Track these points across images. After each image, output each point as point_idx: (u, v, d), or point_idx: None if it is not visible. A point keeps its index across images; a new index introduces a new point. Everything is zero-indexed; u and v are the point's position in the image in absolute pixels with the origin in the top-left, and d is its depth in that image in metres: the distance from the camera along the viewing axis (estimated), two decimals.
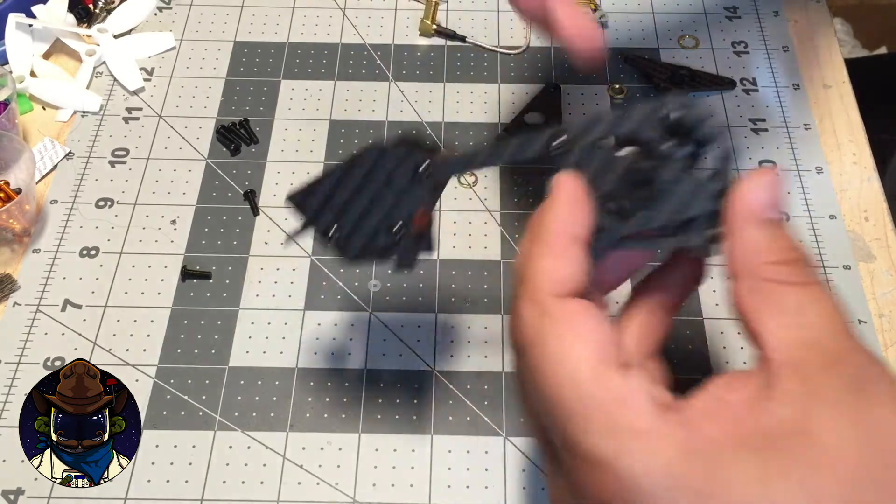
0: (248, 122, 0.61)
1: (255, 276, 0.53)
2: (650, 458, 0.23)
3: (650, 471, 0.23)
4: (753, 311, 0.26)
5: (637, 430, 0.24)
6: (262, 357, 0.50)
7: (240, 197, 0.57)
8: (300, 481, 0.46)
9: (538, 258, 0.28)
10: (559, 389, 0.25)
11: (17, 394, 0.48)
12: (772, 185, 0.27)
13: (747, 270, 0.26)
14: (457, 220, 0.56)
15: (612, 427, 0.24)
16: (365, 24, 0.67)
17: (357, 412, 0.48)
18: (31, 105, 0.62)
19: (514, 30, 0.67)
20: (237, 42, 0.66)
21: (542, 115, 0.61)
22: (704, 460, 0.23)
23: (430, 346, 0.51)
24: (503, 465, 0.46)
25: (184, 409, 0.48)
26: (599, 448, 0.24)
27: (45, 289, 0.52)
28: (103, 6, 0.68)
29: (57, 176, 0.58)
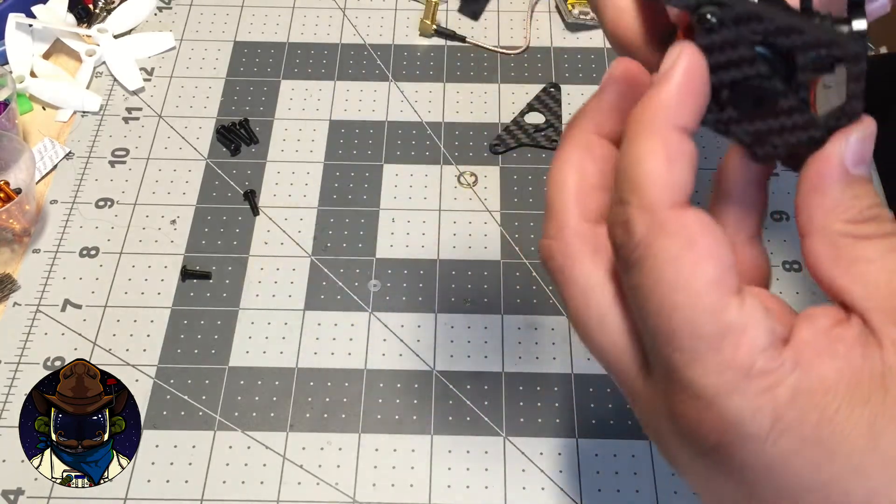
0: (248, 122, 0.61)
1: (255, 276, 0.53)
2: (760, 399, 0.22)
3: (758, 413, 0.22)
4: (834, 266, 0.24)
5: (750, 368, 0.22)
6: (262, 357, 0.50)
7: (240, 197, 0.57)
8: (300, 481, 0.46)
9: (650, 157, 0.23)
10: (670, 315, 0.23)
11: (17, 394, 0.48)
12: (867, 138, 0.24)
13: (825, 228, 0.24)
14: (457, 220, 0.56)
15: (725, 364, 0.22)
16: (365, 24, 0.67)
17: (357, 412, 0.48)
18: (31, 105, 0.62)
19: (514, 30, 0.67)
20: (237, 42, 0.66)
21: (543, 115, 0.61)
22: (815, 405, 0.22)
23: (430, 346, 0.51)
24: (503, 465, 0.46)
25: (184, 409, 0.48)
26: (707, 383, 0.22)
27: (45, 289, 0.52)
28: (103, 6, 0.68)
29: (57, 176, 0.58)
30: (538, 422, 0.48)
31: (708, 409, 0.22)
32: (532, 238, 0.55)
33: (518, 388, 0.49)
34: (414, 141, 0.60)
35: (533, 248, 0.55)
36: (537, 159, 0.59)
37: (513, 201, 0.57)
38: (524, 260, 0.54)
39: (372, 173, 0.58)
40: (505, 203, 0.57)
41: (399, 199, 0.57)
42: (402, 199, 0.57)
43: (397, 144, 0.60)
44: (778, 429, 0.22)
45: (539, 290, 0.53)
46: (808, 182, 0.25)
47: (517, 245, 0.55)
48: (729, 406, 0.22)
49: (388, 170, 0.58)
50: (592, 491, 0.46)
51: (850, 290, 0.24)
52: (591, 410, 0.48)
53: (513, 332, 0.51)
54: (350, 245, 0.55)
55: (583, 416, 0.48)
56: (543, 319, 0.52)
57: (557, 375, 0.49)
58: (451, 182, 0.58)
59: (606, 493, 0.46)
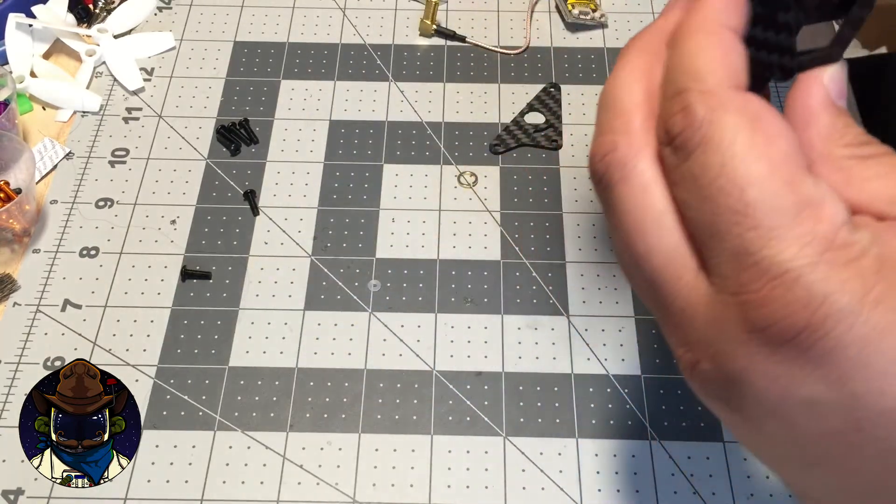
0: (248, 122, 0.61)
1: (255, 276, 0.53)
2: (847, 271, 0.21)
3: (847, 285, 0.21)
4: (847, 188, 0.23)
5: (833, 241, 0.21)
6: (262, 357, 0.50)
7: (240, 197, 0.57)
8: (300, 481, 0.46)
9: (708, 48, 0.23)
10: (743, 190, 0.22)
11: (17, 394, 0.48)
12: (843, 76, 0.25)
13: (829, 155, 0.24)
14: (457, 220, 0.56)
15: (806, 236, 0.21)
16: (365, 24, 0.67)
17: (357, 412, 0.48)
18: (31, 105, 0.62)
19: (514, 30, 0.67)
20: (237, 42, 0.66)
21: (543, 115, 0.61)
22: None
23: (430, 346, 0.51)
24: (503, 465, 0.46)
25: (184, 409, 0.48)
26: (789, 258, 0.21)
27: (45, 289, 0.52)
28: (103, 6, 0.68)
29: (57, 176, 0.58)
30: (538, 422, 0.48)
31: (792, 287, 0.21)
32: (532, 238, 0.55)
33: (518, 388, 0.49)
34: (414, 141, 0.60)
35: (533, 248, 0.55)
36: (537, 159, 0.59)
37: (513, 201, 0.57)
38: (524, 260, 0.54)
39: (372, 173, 0.58)
40: (505, 203, 0.57)
41: (399, 199, 0.57)
42: (402, 199, 0.57)
43: (397, 144, 0.60)
44: (870, 301, 0.20)
45: (539, 290, 0.53)
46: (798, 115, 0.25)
47: (517, 245, 0.55)
48: (815, 280, 0.21)
49: (388, 170, 0.58)
50: (592, 491, 0.46)
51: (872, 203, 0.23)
52: (592, 410, 0.48)
53: (513, 332, 0.51)
54: (350, 245, 0.55)
55: (583, 416, 0.48)
56: (543, 319, 0.52)
57: (557, 375, 0.49)
58: (451, 182, 0.58)
59: (606, 493, 0.46)
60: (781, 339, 0.21)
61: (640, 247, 0.24)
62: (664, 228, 0.24)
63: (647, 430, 0.48)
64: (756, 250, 0.21)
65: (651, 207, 0.24)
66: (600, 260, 0.54)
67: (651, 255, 0.24)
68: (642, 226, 0.24)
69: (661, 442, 0.47)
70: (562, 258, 0.54)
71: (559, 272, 0.54)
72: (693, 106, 0.23)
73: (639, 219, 0.24)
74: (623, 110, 0.25)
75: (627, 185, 0.24)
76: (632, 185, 0.24)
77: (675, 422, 0.48)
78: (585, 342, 0.51)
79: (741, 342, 0.22)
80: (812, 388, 0.21)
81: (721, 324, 0.22)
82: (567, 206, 0.57)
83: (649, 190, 0.24)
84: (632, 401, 0.49)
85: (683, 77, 0.23)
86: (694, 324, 0.23)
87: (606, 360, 0.50)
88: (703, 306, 0.23)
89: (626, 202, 0.24)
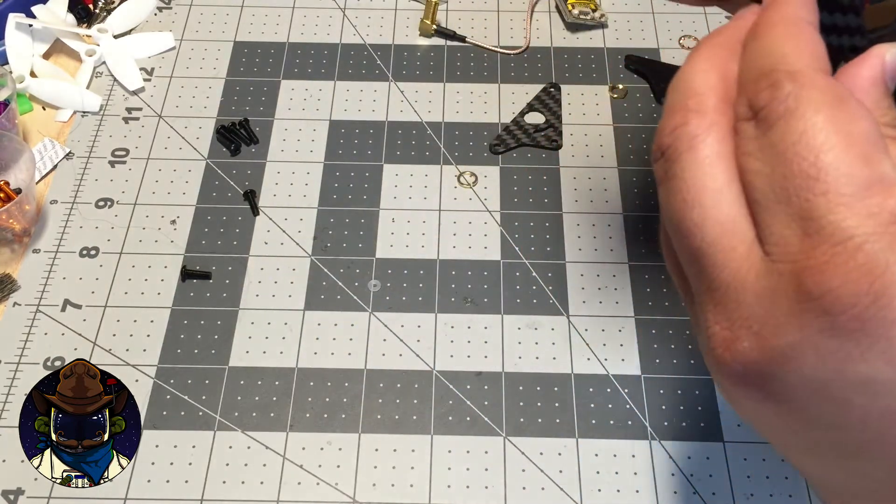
0: (248, 122, 0.61)
1: (255, 276, 0.53)
2: None
3: None
4: None
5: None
6: (262, 357, 0.50)
7: (240, 197, 0.57)
8: (300, 481, 0.46)
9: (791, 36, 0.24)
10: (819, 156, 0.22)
11: (17, 394, 0.48)
12: None
13: None
14: (457, 220, 0.56)
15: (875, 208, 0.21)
16: (365, 24, 0.67)
17: (357, 412, 0.48)
18: (31, 105, 0.62)
19: (514, 30, 0.67)
20: (237, 42, 0.66)
21: (543, 115, 0.61)
22: None
23: (430, 346, 0.51)
24: (503, 465, 0.46)
25: (184, 409, 0.48)
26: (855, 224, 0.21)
27: (45, 289, 0.52)
28: (103, 6, 0.68)
29: (57, 176, 0.58)
30: (538, 422, 0.48)
31: (854, 255, 0.20)
32: (532, 238, 0.55)
33: (518, 388, 0.49)
34: (414, 141, 0.60)
35: (533, 248, 0.55)
36: (537, 159, 0.59)
37: (513, 201, 0.57)
38: (524, 260, 0.54)
39: (372, 173, 0.58)
40: (505, 203, 0.57)
41: (399, 199, 0.57)
42: (402, 199, 0.57)
43: (397, 144, 0.60)
44: None
45: (539, 290, 0.53)
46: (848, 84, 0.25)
47: (517, 245, 0.55)
48: (879, 249, 0.20)
49: (388, 170, 0.58)
50: (592, 491, 0.46)
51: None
52: (592, 410, 0.48)
53: (513, 332, 0.51)
54: (350, 245, 0.55)
55: (583, 416, 0.48)
56: (543, 319, 0.52)
57: (557, 375, 0.49)
58: (451, 182, 0.58)
59: (606, 493, 0.46)
60: (839, 309, 0.21)
61: (694, 216, 0.24)
62: (724, 199, 0.24)
63: (647, 430, 0.48)
64: (822, 215, 0.21)
65: (714, 178, 0.24)
66: (600, 260, 0.54)
67: (705, 225, 0.24)
68: (701, 196, 0.24)
69: (661, 442, 0.47)
70: (562, 258, 0.54)
71: (559, 272, 0.54)
72: (781, 82, 0.23)
73: (699, 189, 0.24)
74: (697, 92, 0.25)
75: (693, 156, 0.24)
76: (698, 157, 0.24)
77: (675, 422, 0.48)
78: (585, 342, 0.51)
79: (793, 314, 0.21)
80: (869, 364, 0.21)
81: (773, 295, 0.22)
82: (567, 206, 0.57)
83: (715, 163, 0.24)
84: (632, 401, 0.49)
85: (770, 60, 0.24)
86: (741, 297, 0.23)
87: (606, 360, 0.50)
88: (755, 278, 0.23)
89: (689, 172, 0.24)
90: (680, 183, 0.24)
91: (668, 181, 0.25)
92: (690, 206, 0.24)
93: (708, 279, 0.24)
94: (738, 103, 0.25)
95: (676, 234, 0.25)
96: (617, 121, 0.61)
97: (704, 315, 0.24)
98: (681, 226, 0.24)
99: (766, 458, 0.47)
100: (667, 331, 0.51)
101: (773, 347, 0.22)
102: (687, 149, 0.24)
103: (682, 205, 0.24)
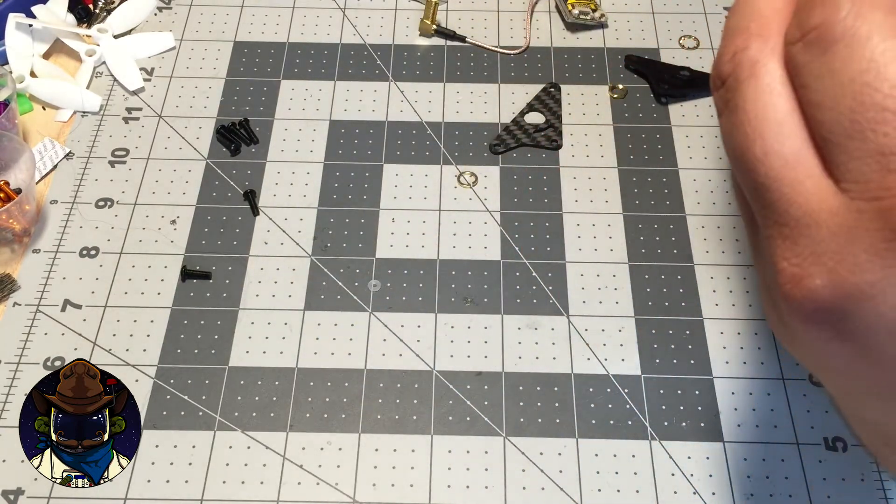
0: (248, 122, 0.61)
1: (255, 276, 0.53)
2: None
3: None
4: None
5: None
6: (262, 357, 0.50)
7: (240, 197, 0.57)
8: (300, 481, 0.46)
9: None
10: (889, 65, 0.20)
11: (17, 394, 0.48)
12: None
13: None
14: (457, 220, 0.56)
15: None
16: (365, 24, 0.67)
17: (357, 412, 0.48)
18: (31, 105, 0.62)
19: (514, 30, 0.67)
20: (237, 42, 0.66)
21: (543, 115, 0.61)
22: None
23: (430, 346, 0.51)
24: (503, 465, 0.46)
25: (184, 409, 0.48)
26: None
27: (45, 289, 0.52)
28: (103, 6, 0.68)
29: (57, 176, 0.58)
30: (538, 422, 0.48)
31: None
32: (532, 238, 0.55)
33: (518, 388, 0.49)
34: (414, 141, 0.60)
35: (533, 247, 0.55)
36: (537, 159, 0.59)
37: (513, 201, 0.57)
38: (524, 260, 0.54)
39: (372, 173, 0.58)
40: (505, 203, 0.57)
41: (399, 199, 0.57)
42: (402, 199, 0.57)
43: (397, 144, 0.60)
44: None
45: (539, 290, 0.53)
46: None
47: (517, 245, 0.55)
48: None
49: (388, 170, 0.58)
50: (592, 491, 0.46)
51: None
52: (591, 410, 0.48)
53: (513, 332, 0.51)
54: (350, 245, 0.55)
55: (583, 416, 0.48)
56: (543, 319, 0.52)
57: (557, 375, 0.49)
58: (451, 182, 0.58)
59: (606, 493, 0.46)
60: None
61: (757, 150, 0.23)
62: (787, 131, 0.22)
63: (647, 430, 0.48)
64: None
65: (776, 108, 0.23)
66: (600, 260, 0.54)
67: (769, 159, 0.22)
68: (763, 127, 0.23)
69: (661, 442, 0.47)
70: (562, 258, 0.54)
71: (559, 272, 0.54)
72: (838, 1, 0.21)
73: (761, 119, 0.23)
74: (760, 14, 0.24)
75: (755, 83, 0.23)
76: (760, 84, 0.23)
77: (675, 422, 0.48)
78: (585, 342, 0.51)
79: (877, 252, 0.20)
80: None
81: (851, 232, 0.21)
82: (567, 206, 0.57)
83: (777, 91, 0.23)
84: (632, 401, 0.49)
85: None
86: (813, 233, 0.22)
87: (606, 360, 0.50)
88: (829, 214, 0.21)
89: (750, 101, 0.23)
90: (741, 115, 0.23)
91: (729, 113, 0.24)
92: (752, 139, 0.23)
93: (775, 214, 0.23)
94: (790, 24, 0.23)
95: (739, 168, 0.24)
96: (617, 121, 0.61)
97: (772, 251, 0.23)
98: (743, 159, 0.23)
99: (765, 458, 0.47)
100: (667, 331, 0.51)
101: (850, 285, 0.21)
102: (748, 76, 0.23)
103: (744, 138, 0.23)
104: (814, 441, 0.47)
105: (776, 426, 0.48)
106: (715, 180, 0.58)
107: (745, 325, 0.52)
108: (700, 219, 0.56)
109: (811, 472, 0.46)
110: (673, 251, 0.55)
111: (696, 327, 0.51)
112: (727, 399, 0.49)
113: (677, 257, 0.54)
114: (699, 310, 0.52)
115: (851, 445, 0.47)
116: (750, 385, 0.49)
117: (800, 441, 0.47)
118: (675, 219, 0.56)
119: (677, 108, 0.62)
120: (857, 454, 0.47)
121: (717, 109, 0.24)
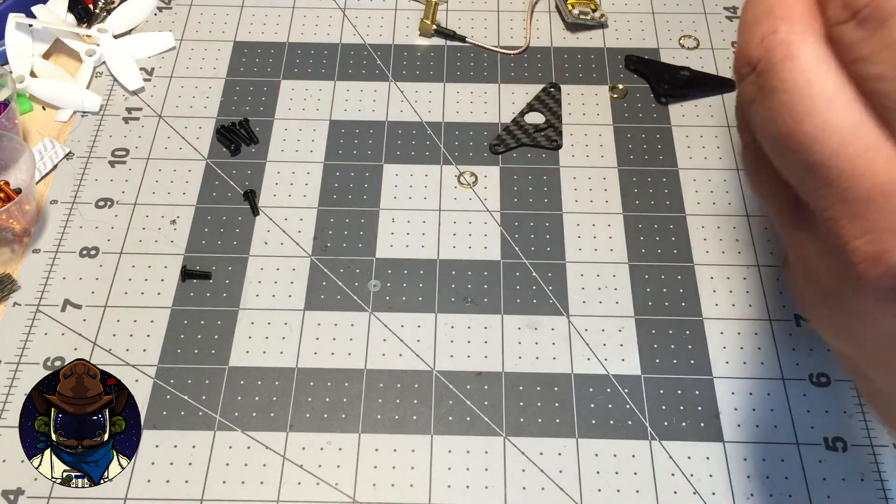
0: (248, 122, 0.61)
1: (255, 276, 0.53)
2: None
3: None
4: None
5: None
6: (262, 357, 0.50)
7: (240, 197, 0.57)
8: (300, 481, 0.46)
9: None
10: None
11: (17, 394, 0.48)
12: None
13: None
14: (457, 220, 0.56)
15: None
16: (365, 24, 0.67)
17: (357, 412, 0.48)
18: (31, 105, 0.62)
19: (514, 30, 0.67)
20: (237, 42, 0.66)
21: (543, 115, 0.61)
22: None
23: (430, 346, 0.51)
24: (503, 465, 0.46)
25: (184, 409, 0.48)
26: None
27: (45, 289, 0.52)
28: (103, 6, 0.68)
29: (57, 176, 0.58)
30: (538, 422, 0.48)
31: None
32: (532, 238, 0.55)
33: (518, 388, 0.49)
34: (414, 141, 0.60)
35: (533, 247, 0.55)
36: (537, 159, 0.59)
37: (513, 201, 0.57)
38: (524, 260, 0.54)
39: (372, 173, 0.58)
40: (505, 203, 0.57)
41: (399, 199, 0.57)
42: (402, 199, 0.57)
43: (397, 144, 0.60)
44: None
45: (539, 290, 0.53)
46: None
47: (517, 245, 0.55)
48: None
49: (388, 170, 0.58)
50: (592, 491, 0.46)
51: None
52: (591, 410, 0.48)
53: (513, 332, 0.51)
54: (350, 245, 0.55)
55: (583, 416, 0.48)
56: (543, 319, 0.52)
57: (557, 375, 0.49)
58: (451, 182, 0.58)
59: (606, 493, 0.46)
60: None
61: (809, 128, 0.22)
62: (842, 105, 0.22)
63: (647, 430, 0.48)
64: None
65: (825, 84, 0.22)
66: (600, 260, 0.54)
67: (825, 135, 0.22)
68: (813, 105, 0.22)
69: (661, 442, 0.47)
70: (562, 258, 0.54)
71: (559, 272, 0.54)
72: None
73: (807, 97, 0.22)
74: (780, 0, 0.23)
75: (795, 63, 0.22)
76: (801, 62, 0.22)
77: (675, 422, 0.48)
78: (585, 342, 0.51)
79: None
80: None
81: None
82: (567, 206, 0.57)
83: (822, 67, 0.22)
84: (632, 401, 0.49)
85: None
86: (887, 205, 0.21)
87: (606, 360, 0.50)
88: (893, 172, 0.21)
89: (792, 81, 0.22)
90: (782, 96, 0.22)
91: (765, 97, 0.23)
92: (801, 117, 0.22)
93: (839, 191, 0.22)
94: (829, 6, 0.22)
95: (786, 152, 0.23)
96: (617, 121, 0.61)
97: (838, 232, 0.22)
98: (793, 141, 0.22)
99: (765, 458, 0.47)
100: (667, 331, 0.51)
101: None
102: (785, 57, 0.22)
103: (791, 118, 0.22)
104: (814, 441, 0.47)
105: (776, 426, 0.48)
106: (715, 180, 0.58)
107: (745, 325, 0.52)
108: (700, 219, 0.56)
109: (811, 472, 0.46)
110: (673, 251, 0.55)
111: (696, 327, 0.51)
112: (727, 399, 0.49)
113: (677, 257, 0.54)
114: (699, 310, 0.52)
115: (851, 445, 0.47)
116: (750, 385, 0.49)
117: (800, 441, 0.47)
118: (675, 219, 0.56)
119: (677, 108, 0.62)
120: (858, 454, 0.47)
121: (747, 98, 0.24)
